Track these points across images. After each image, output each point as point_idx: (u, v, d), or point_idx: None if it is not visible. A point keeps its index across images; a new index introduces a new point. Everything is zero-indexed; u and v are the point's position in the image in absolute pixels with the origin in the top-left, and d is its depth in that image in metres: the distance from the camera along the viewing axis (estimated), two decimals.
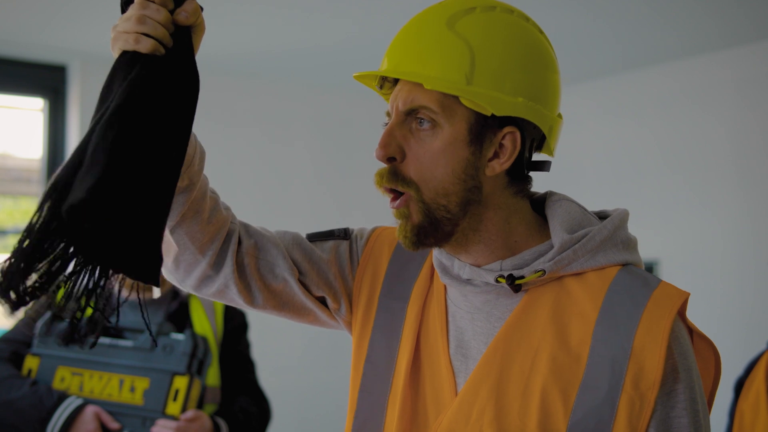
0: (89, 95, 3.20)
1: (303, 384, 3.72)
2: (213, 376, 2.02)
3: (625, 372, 0.87)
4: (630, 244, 0.98)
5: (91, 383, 1.90)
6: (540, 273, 0.93)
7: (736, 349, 2.94)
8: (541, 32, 1.00)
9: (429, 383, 1.00)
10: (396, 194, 0.98)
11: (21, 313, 2.09)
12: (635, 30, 2.92)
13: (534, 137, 0.98)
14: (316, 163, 3.81)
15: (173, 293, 2.10)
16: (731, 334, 3.10)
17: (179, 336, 1.91)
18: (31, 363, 1.95)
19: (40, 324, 1.97)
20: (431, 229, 0.95)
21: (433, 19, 0.97)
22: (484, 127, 0.95)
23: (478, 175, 0.95)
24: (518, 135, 0.95)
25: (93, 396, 1.89)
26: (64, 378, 1.91)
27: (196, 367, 1.89)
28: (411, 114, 0.96)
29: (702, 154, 3.24)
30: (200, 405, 1.93)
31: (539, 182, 1.04)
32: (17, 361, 1.97)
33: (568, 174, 3.64)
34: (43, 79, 3.27)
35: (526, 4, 1.08)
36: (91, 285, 0.87)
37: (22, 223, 3.44)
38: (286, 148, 3.74)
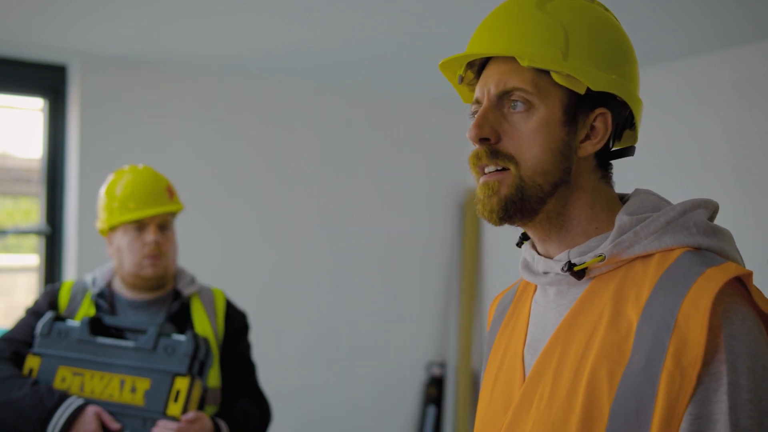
0: (89, 95, 3.20)
1: (303, 385, 3.72)
2: (214, 377, 2.02)
3: (667, 346, 0.82)
4: (709, 230, 0.93)
5: (92, 383, 1.90)
6: (600, 257, 0.92)
7: None
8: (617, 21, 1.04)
9: (503, 383, 1.02)
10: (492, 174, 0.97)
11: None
12: (633, 30, 2.91)
13: (619, 121, 0.99)
14: (316, 163, 3.82)
15: (174, 294, 2.11)
16: None
17: (180, 337, 1.91)
18: (32, 363, 1.95)
19: (41, 324, 1.98)
20: (520, 204, 0.95)
21: (522, 3, 0.98)
22: (577, 108, 0.96)
23: (571, 156, 0.96)
24: (609, 116, 0.97)
25: (94, 396, 1.89)
26: (65, 378, 1.92)
27: (197, 368, 1.89)
28: (504, 97, 0.96)
29: (699, 154, 3.25)
30: (201, 406, 1.94)
31: None
32: (18, 360, 1.97)
33: None
34: (43, 79, 3.27)
35: None
36: None
37: (22, 223, 3.44)
38: (286, 148, 3.74)
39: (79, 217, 3.19)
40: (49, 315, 1.98)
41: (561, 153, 0.95)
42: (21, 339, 2.00)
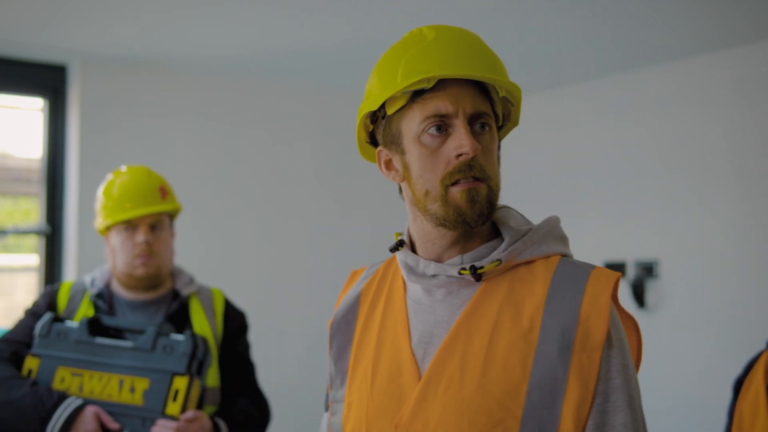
0: (89, 95, 3.20)
1: (303, 384, 3.72)
2: (212, 377, 2.02)
3: (574, 337, 1.00)
4: (565, 240, 1.13)
5: (91, 384, 1.90)
6: (497, 262, 1.06)
7: (735, 348, 2.94)
8: None
9: (387, 376, 1.09)
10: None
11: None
12: (633, 30, 2.93)
13: None
14: (316, 164, 3.82)
15: (173, 294, 2.10)
16: (730, 333, 3.10)
17: (179, 336, 1.91)
18: (31, 363, 1.95)
19: (40, 325, 1.98)
20: (491, 211, 1.07)
21: (472, 34, 1.10)
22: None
23: None
24: None
25: (93, 396, 1.89)
26: (64, 378, 1.92)
27: (195, 367, 1.89)
28: (476, 118, 1.06)
29: (700, 154, 3.25)
30: (200, 406, 1.94)
31: (537, 183, 1.08)
32: (17, 361, 1.97)
33: (567, 174, 3.64)
34: (43, 79, 3.27)
35: (525, 5, 1.09)
36: None
37: (22, 223, 3.44)
38: (286, 148, 3.74)
39: (79, 217, 3.19)
40: (47, 316, 1.98)
41: (499, 173, 1.10)
42: (20, 340, 2.00)
